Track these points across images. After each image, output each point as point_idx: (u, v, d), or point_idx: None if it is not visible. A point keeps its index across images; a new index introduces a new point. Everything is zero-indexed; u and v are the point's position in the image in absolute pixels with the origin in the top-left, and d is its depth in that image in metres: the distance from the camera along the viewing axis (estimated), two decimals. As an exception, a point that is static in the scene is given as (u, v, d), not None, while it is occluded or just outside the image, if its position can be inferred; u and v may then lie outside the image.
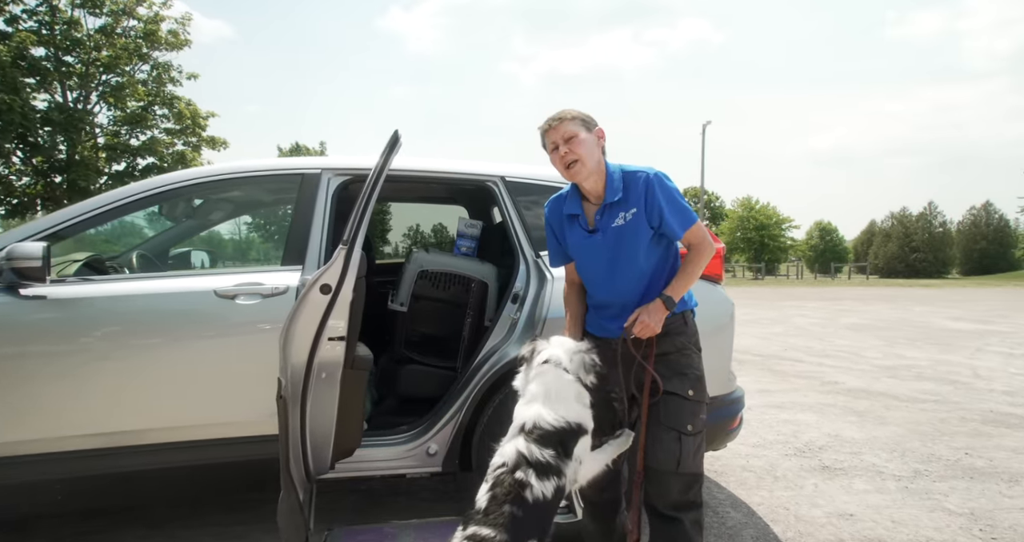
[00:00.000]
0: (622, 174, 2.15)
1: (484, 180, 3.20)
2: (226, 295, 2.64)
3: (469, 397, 2.92)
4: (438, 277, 3.26)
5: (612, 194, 2.12)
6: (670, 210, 2.09)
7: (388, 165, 2.16)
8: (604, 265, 2.16)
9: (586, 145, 2.09)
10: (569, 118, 2.11)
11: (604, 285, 2.19)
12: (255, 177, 3.02)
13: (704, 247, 2.15)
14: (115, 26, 16.42)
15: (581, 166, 2.09)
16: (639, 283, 2.14)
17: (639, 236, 2.10)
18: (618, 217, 2.12)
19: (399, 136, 2.19)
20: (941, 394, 6.11)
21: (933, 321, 13.29)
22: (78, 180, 15.19)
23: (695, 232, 2.15)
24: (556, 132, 2.11)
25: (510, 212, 3.14)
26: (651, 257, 2.15)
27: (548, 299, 2.98)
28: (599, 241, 2.15)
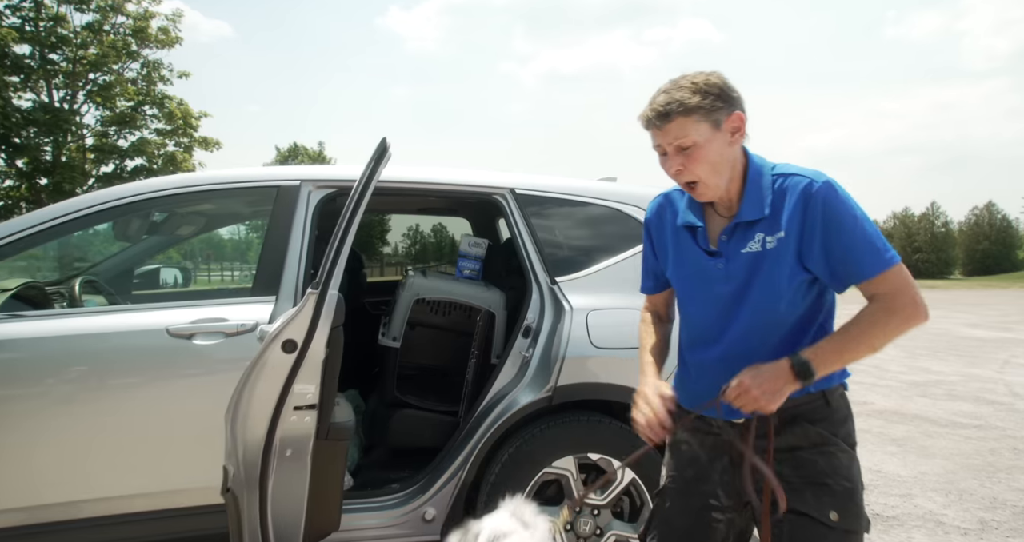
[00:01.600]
0: (772, 179, 1.43)
1: (491, 193, 2.73)
2: (181, 334, 2.17)
3: (474, 451, 2.45)
4: (437, 306, 2.78)
5: (752, 209, 1.41)
6: (849, 241, 1.34)
7: (375, 179, 1.69)
8: (721, 306, 1.47)
9: (711, 155, 1.38)
10: (682, 111, 1.35)
11: (714, 335, 1.49)
12: (221, 190, 2.54)
13: (905, 302, 1.34)
14: (103, 23, 15.87)
15: (704, 188, 1.42)
16: (769, 339, 1.43)
17: (782, 271, 1.40)
18: (753, 240, 1.42)
19: (388, 145, 1.72)
20: (982, 417, 5.65)
21: (950, 328, 12.85)
22: (63, 183, 14.65)
23: (893, 278, 1.34)
24: (663, 135, 1.39)
25: (521, 230, 2.67)
26: (797, 305, 1.43)
27: (566, 334, 2.51)
28: (720, 270, 1.46)
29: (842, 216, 1.36)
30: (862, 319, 1.36)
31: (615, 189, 2.85)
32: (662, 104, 1.37)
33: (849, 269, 1.36)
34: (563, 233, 2.74)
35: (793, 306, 1.43)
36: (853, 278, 1.37)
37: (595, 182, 2.91)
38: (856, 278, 1.37)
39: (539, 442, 2.45)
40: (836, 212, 1.36)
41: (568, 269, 2.65)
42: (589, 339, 2.51)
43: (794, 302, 1.43)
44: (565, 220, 2.76)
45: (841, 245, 1.35)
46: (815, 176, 1.40)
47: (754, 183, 1.44)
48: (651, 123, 1.40)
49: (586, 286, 2.62)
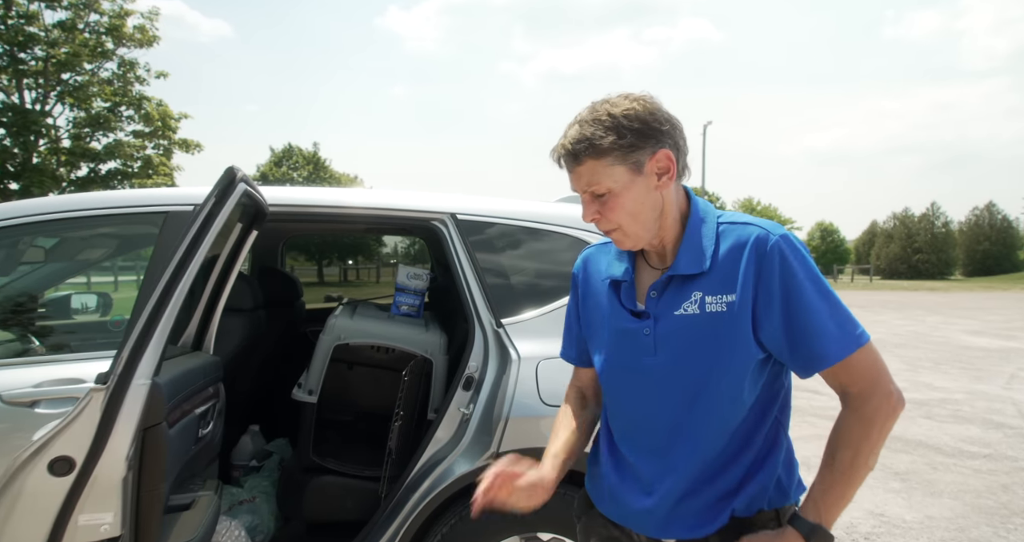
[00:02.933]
0: (716, 227, 1.17)
1: (428, 218, 2.34)
2: (20, 401, 1.76)
3: (400, 529, 2.06)
4: (363, 353, 2.38)
5: (690, 260, 1.15)
6: (811, 314, 1.08)
7: (218, 217, 1.30)
8: (648, 385, 1.19)
9: (628, 204, 1.14)
10: (592, 153, 1.11)
11: (641, 422, 1.21)
12: (93, 217, 2.13)
13: (879, 402, 1.09)
14: (76, 21, 15.40)
15: (623, 236, 1.18)
16: (711, 435, 1.15)
17: (731, 344, 1.11)
18: (688, 299, 1.14)
19: (237, 175, 1.32)
20: (991, 444, 5.25)
21: (951, 336, 12.45)
22: (32, 187, 14.20)
23: (862, 363, 1.09)
24: (575, 178, 1.16)
25: (462, 262, 2.28)
26: (746, 391, 1.14)
27: (512, 388, 2.12)
28: (646, 337, 1.17)
29: (803, 280, 1.10)
30: (844, 442, 1.10)
31: (575, 214, 2.45)
32: (572, 141, 1.13)
33: (812, 349, 1.09)
34: (512, 266, 2.34)
35: (741, 391, 1.13)
36: (816, 361, 1.10)
37: (552, 205, 2.52)
38: (818, 361, 1.10)
39: (478, 519, 2.05)
40: (796, 275, 1.10)
41: (516, 309, 2.26)
42: (539, 394, 2.11)
43: (743, 386, 1.13)
44: (515, 250, 2.37)
45: (803, 319, 1.09)
46: (770, 227, 1.13)
47: (694, 231, 1.18)
48: (562, 164, 1.18)
49: (537, 330, 2.22)
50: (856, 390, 1.10)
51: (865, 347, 1.09)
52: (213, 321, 1.79)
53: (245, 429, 2.73)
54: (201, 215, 1.25)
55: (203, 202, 1.28)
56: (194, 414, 1.43)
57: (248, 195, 1.44)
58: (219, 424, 1.72)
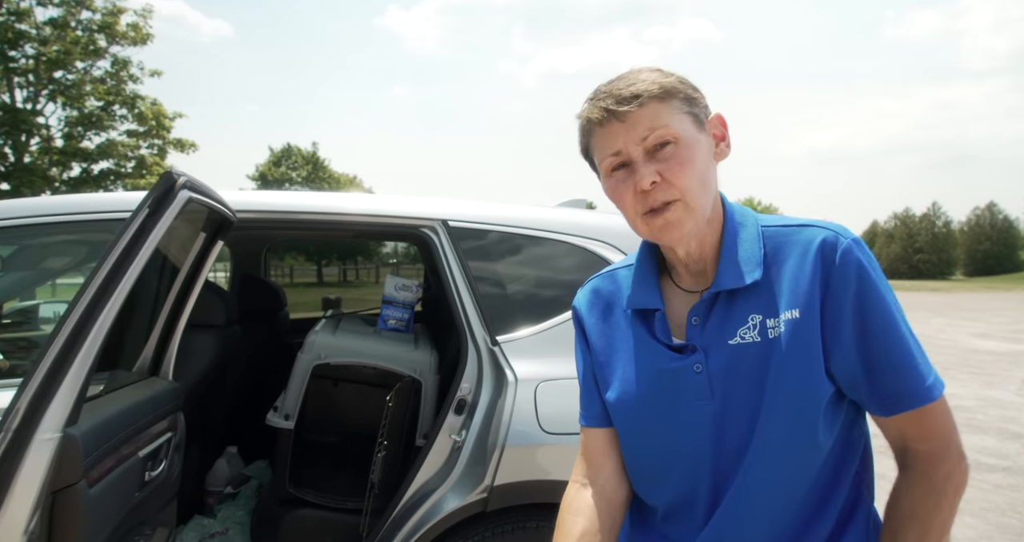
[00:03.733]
0: (759, 232, 0.93)
1: (418, 225, 2.14)
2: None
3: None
4: (346, 373, 2.18)
5: (735, 270, 0.91)
6: (893, 341, 0.85)
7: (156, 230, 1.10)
8: (709, 437, 0.91)
9: (699, 159, 0.89)
10: (659, 93, 0.88)
11: (699, 489, 0.93)
12: (52, 224, 1.92)
13: (951, 466, 0.86)
14: (68, 18, 15.17)
15: (684, 213, 0.88)
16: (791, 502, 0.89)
17: (805, 374, 0.86)
18: (745, 324, 0.89)
19: (176, 181, 1.12)
20: (1009, 456, 5.06)
21: (958, 339, 12.27)
22: (23, 187, 13.98)
23: (940, 415, 0.87)
24: (627, 128, 0.87)
25: (454, 273, 2.08)
26: (828, 434, 0.89)
27: (508, 413, 1.92)
28: (698, 376, 0.91)
29: (884, 297, 0.86)
30: (910, 516, 0.86)
31: (578, 220, 2.24)
32: (625, 86, 0.88)
33: (897, 384, 0.85)
34: (508, 277, 2.14)
35: (815, 439, 0.87)
36: (901, 399, 0.85)
37: (553, 210, 2.32)
38: (905, 399, 0.85)
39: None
40: (877, 290, 0.85)
41: (514, 325, 2.06)
42: (537, 420, 1.91)
43: (817, 433, 0.87)
44: (512, 260, 2.17)
45: (885, 345, 0.85)
46: (838, 229, 0.89)
47: (733, 235, 0.93)
48: (608, 115, 0.88)
49: (536, 348, 2.02)
50: (925, 448, 0.87)
51: (944, 397, 0.87)
52: (172, 342, 1.60)
53: (222, 451, 2.53)
54: (130, 230, 1.04)
55: (133, 213, 1.08)
56: (137, 457, 1.24)
57: (199, 203, 1.25)
58: (176, 459, 1.52)
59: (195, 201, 1.19)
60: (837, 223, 0.91)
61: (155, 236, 1.07)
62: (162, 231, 1.08)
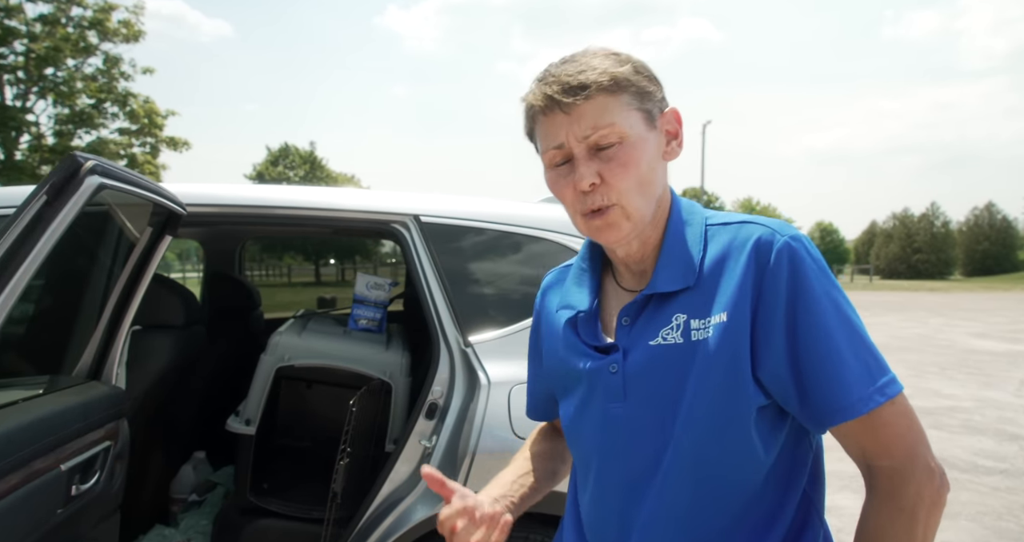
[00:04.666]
0: (704, 230, 0.88)
1: (388, 221, 2.04)
2: None
3: (351, 582, 1.76)
4: (312, 375, 2.08)
5: (671, 273, 0.85)
6: (827, 342, 0.78)
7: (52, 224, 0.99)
8: (620, 442, 0.86)
9: (643, 163, 0.83)
10: (609, 84, 0.81)
11: (611, 499, 0.88)
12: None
13: (919, 480, 0.77)
14: (59, 15, 15.04)
15: (622, 218, 0.83)
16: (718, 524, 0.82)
17: (725, 383, 0.80)
18: (668, 325, 0.84)
19: (81, 165, 1.02)
20: (1007, 458, 4.97)
21: (956, 339, 12.19)
22: (11, 185, 13.86)
23: (892, 423, 0.78)
24: (571, 121, 0.81)
25: (425, 270, 1.98)
26: (769, 449, 0.83)
27: (480, 417, 1.83)
28: (613, 377, 0.86)
29: (819, 296, 0.79)
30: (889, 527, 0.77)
31: (557, 216, 2.14)
32: (574, 73, 0.81)
33: (826, 394, 0.77)
34: (483, 276, 2.04)
35: (750, 453, 0.81)
36: (830, 411, 0.77)
37: (532, 206, 2.22)
38: (833, 411, 0.77)
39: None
40: (810, 289, 0.79)
41: (487, 326, 1.96)
42: (511, 425, 1.82)
43: (751, 447, 0.81)
44: (487, 258, 2.07)
45: (815, 350, 0.78)
46: (777, 226, 0.83)
47: (676, 236, 0.87)
48: (552, 104, 0.81)
49: (510, 350, 1.92)
50: (886, 464, 0.78)
51: (897, 401, 0.77)
52: (116, 344, 1.49)
53: (189, 457, 2.43)
54: (20, 221, 0.94)
55: (25, 201, 0.97)
56: (59, 470, 1.14)
57: (127, 193, 1.14)
58: (118, 470, 1.42)
59: (112, 188, 1.08)
60: (779, 220, 0.85)
61: (56, 228, 0.97)
62: (66, 222, 0.98)
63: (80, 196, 1.02)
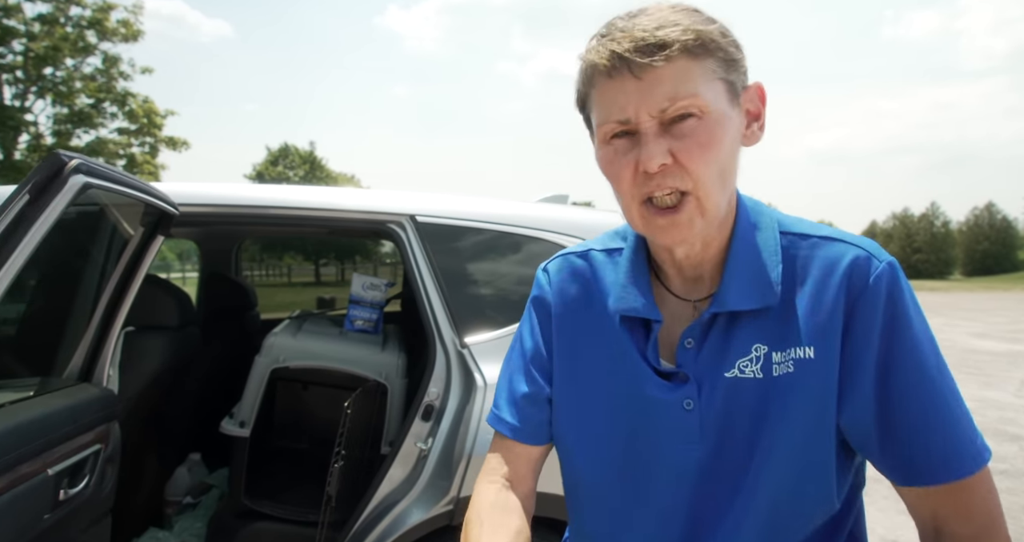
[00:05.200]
0: (778, 239, 0.75)
1: (385, 221, 2.02)
2: None
3: (346, 586, 1.74)
4: (308, 377, 2.06)
5: (744, 288, 0.73)
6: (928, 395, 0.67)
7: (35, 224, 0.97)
8: (692, 488, 0.75)
9: (726, 143, 0.69)
10: (695, 44, 0.66)
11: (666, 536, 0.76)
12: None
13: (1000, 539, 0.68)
14: (57, 14, 15.02)
15: (694, 211, 0.69)
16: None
17: (814, 425, 0.70)
18: (747, 355, 0.72)
19: (65, 164, 1.00)
20: (1007, 458, 4.95)
21: (957, 339, 12.17)
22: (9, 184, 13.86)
23: (980, 491, 0.68)
24: (644, 88, 0.66)
25: (422, 271, 1.96)
26: (840, 495, 0.74)
27: (476, 419, 1.81)
28: (688, 412, 0.74)
29: (921, 340, 0.68)
30: None
31: (555, 216, 2.13)
32: (651, 28, 0.65)
33: (919, 452, 0.67)
34: (480, 276, 2.02)
35: (830, 500, 0.72)
36: (923, 471, 0.67)
37: (530, 206, 2.20)
38: (929, 472, 0.67)
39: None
40: (911, 328, 0.68)
41: (484, 326, 1.94)
42: (508, 428, 1.80)
43: (831, 492, 0.72)
44: (484, 258, 2.05)
45: (913, 400, 0.67)
46: (872, 249, 0.71)
47: (745, 241, 0.74)
48: (621, 65, 0.66)
49: (507, 350, 1.91)
50: (965, 531, 0.68)
51: (987, 468, 0.69)
52: (107, 345, 1.47)
53: (184, 458, 2.41)
54: (4, 220, 0.92)
55: (7, 199, 0.96)
56: (46, 475, 1.12)
57: (115, 193, 1.13)
58: (109, 474, 1.41)
59: (98, 188, 1.07)
60: (870, 240, 0.74)
61: (39, 227, 0.95)
62: (50, 221, 0.96)
63: (64, 195, 1.00)
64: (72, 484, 1.20)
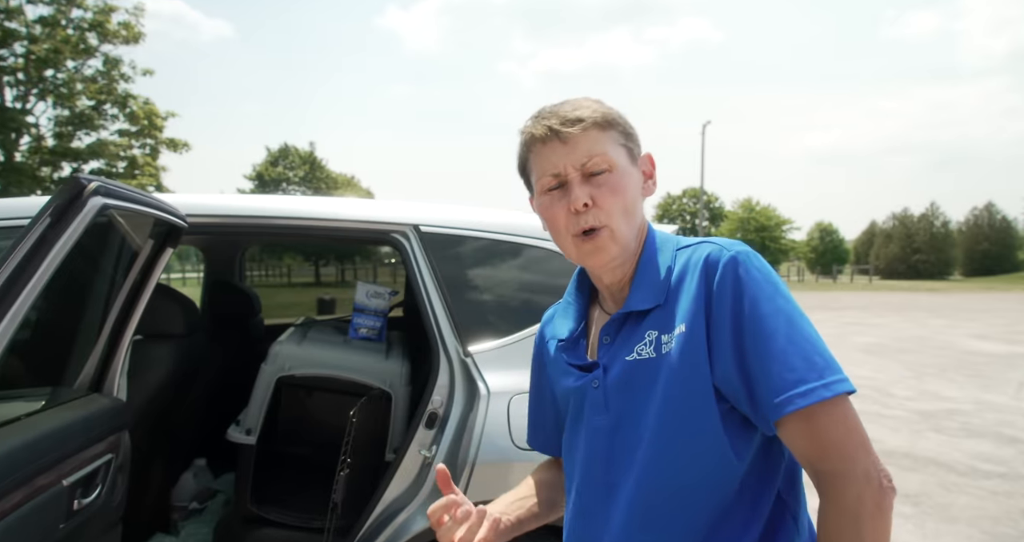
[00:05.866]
0: (675, 255, 0.96)
1: (388, 230, 2.05)
2: None
3: (350, 593, 1.77)
4: (311, 385, 2.09)
5: (644, 293, 0.93)
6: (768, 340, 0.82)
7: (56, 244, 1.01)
8: (603, 450, 0.94)
9: (631, 191, 0.95)
10: (601, 121, 0.94)
11: (591, 503, 0.94)
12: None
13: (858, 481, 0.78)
14: (59, 16, 15.05)
15: (609, 240, 0.93)
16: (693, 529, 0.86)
17: (687, 390, 0.86)
18: (642, 341, 0.91)
19: (84, 187, 1.03)
20: (1005, 461, 4.97)
21: (956, 340, 12.19)
22: (11, 186, 13.90)
23: (831, 424, 0.80)
24: (568, 150, 0.92)
25: (425, 280, 1.99)
26: (743, 454, 0.86)
27: (480, 427, 1.84)
28: (595, 391, 0.94)
29: (759, 300, 0.85)
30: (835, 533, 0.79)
31: (555, 224, 2.16)
32: (571, 110, 0.94)
33: (767, 390, 0.81)
34: (483, 285, 2.05)
35: (739, 455, 0.85)
36: (773, 407, 0.81)
37: (532, 215, 2.22)
38: (773, 406, 0.80)
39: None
40: (751, 294, 0.85)
41: (487, 335, 1.97)
42: (510, 436, 1.83)
43: (737, 447, 0.85)
44: (487, 267, 2.08)
45: (758, 349, 0.83)
46: (725, 244, 0.92)
47: (649, 260, 0.97)
48: (552, 134, 0.93)
49: (510, 359, 1.93)
50: (827, 468, 0.80)
51: (838, 400, 0.80)
52: (118, 356, 1.50)
53: (190, 464, 2.44)
54: (26, 242, 0.95)
55: (31, 222, 0.99)
56: (61, 486, 1.15)
57: (125, 210, 1.16)
58: (120, 482, 1.43)
59: (114, 208, 1.10)
60: (731, 240, 0.94)
61: (60, 248, 0.98)
62: (70, 242, 0.99)
63: (84, 217, 1.03)
64: (85, 494, 1.23)
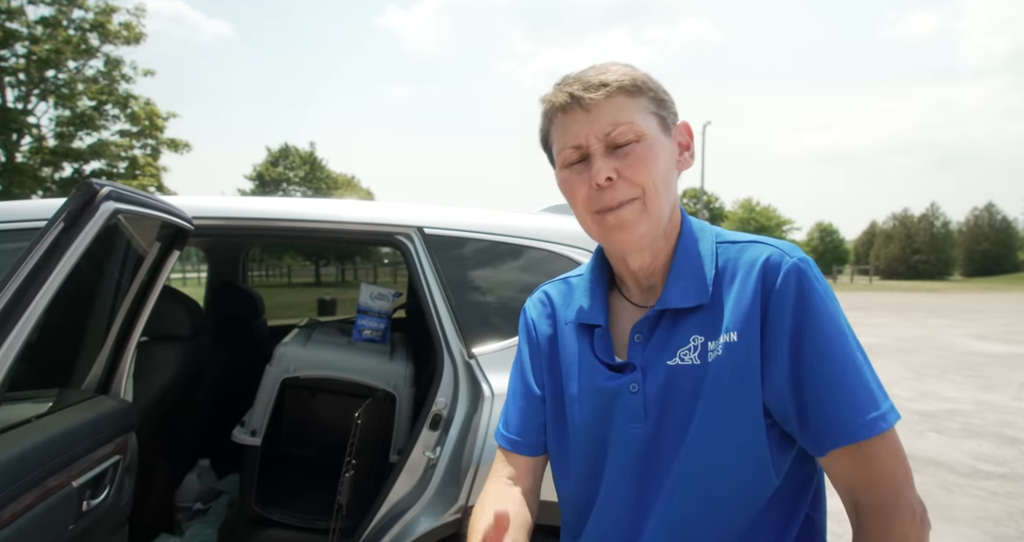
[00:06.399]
0: (715, 248, 0.88)
1: (392, 232, 2.06)
2: None
3: (355, 594, 1.78)
4: (316, 387, 2.10)
5: (683, 289, 0.85)
6: (832, 365, 0.78)
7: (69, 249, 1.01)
8: (639, 462, 0.86)
9: (664, 161, 0.85)
10: (629, 86, 0.84)
11: (621, 518, 0.87)
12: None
13: (903, 517, 0.75)
14: (60, 17, 15.07)
15: (640, 212, 0.83)
16: (718, 533, 0.83)
17: (737, 403, 0.80)
18: (686, 345, 0.84)
19: (97, 192, 1.04)
20: (1006, 462, 4.98)
21: (956, 341, 12.20)
22: (12, 187, 13.92)
23: (885, 456, 0.77)
24: (590, 120, 0.83)
25: (429, 282, 2.00)
26: (778, 471, 0.83)
27: (484, 429, 1.84)
28: (633, 397, 0.85)
29: (824, 320, 0.79)
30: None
31: (559, 227, 2.16)
32: (595, 75, 0.84)
33: (827, 416, 0.77)
34: (487, 287, 2.06)
35: (762, 476, 0.81)
36: (830, 434, 0.77)
37: (534, 217, 2.24)
38: (833, 435, 0.76)
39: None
40: (816, 312, 0.79)
41: (491, 337, 1.98)
42: (514, 437, 1.84)
43: (765, 470, 0.81)
44: (490, 269, 2.09)
45: (819, 371, 0.77)
46: (786, 248, 0.84)
47: (688, 251, 0.88)
48: (572, 101, 0.83)
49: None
50: (872, 501, 0.76)
51: (890, 435, 0.77)
52: (124, 358, 1.51)
53: (194, 465, 2.45)
54: (40, 247, 0.96)
55: (45, 227, 1.00)
56: (71, 488, 1.16)
57: (136, 214, 1.17)
58: (127, 483, 1.44)
59: (126, 212, 1.11)
60: (788, 242, 0.86)
61: (73, 252, 0.99)
62: (82, 247, 1.00)
63: (96, 222, 1.04)
64: (94, 495, 1.24)
